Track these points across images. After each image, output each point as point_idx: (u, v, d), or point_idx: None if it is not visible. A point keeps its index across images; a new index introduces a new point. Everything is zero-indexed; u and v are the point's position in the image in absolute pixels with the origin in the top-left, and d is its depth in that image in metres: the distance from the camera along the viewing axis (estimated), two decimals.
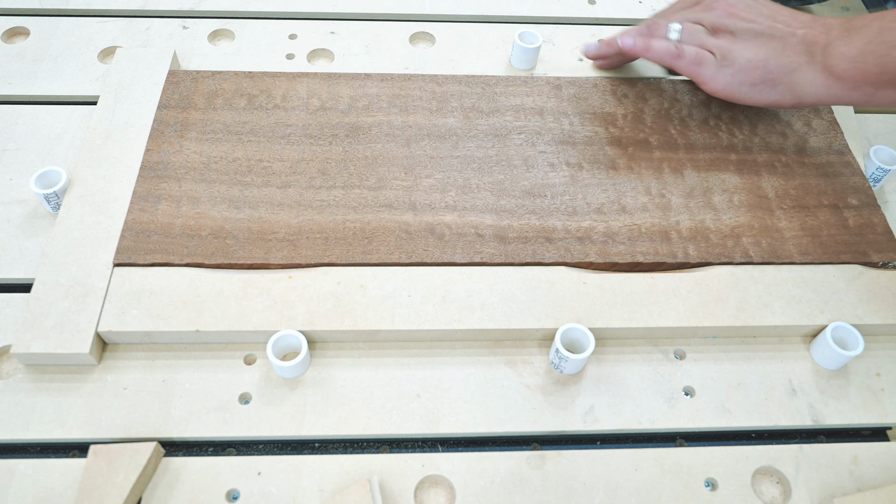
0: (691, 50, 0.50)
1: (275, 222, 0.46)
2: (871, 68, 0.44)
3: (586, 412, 0.42)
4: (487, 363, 0.43)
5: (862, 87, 0.46)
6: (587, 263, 0.46)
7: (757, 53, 0.48)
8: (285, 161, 0.49)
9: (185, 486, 0.38)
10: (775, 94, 0.49)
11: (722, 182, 0.50)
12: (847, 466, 0.40)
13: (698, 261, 0.46)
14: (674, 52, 0.50)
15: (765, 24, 0.49)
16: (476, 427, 0.41)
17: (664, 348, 0.44)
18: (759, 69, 0.48)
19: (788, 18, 0.49)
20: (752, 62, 0.48)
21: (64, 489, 0.37)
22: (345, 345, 0.44)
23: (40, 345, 0.40)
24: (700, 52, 0.50)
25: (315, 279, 0.44)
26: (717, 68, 0.49)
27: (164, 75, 0.53)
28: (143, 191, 0.47)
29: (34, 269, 0.45)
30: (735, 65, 0.49)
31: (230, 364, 0.42)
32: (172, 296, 0.43)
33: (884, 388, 0.43)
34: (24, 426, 0.40)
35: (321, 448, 0.41)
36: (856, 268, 0.47)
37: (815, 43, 0.47)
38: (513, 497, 0.38)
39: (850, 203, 0.50)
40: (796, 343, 0.45)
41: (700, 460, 0.40)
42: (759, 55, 0.48)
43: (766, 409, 0.42)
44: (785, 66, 0.48)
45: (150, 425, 0.40)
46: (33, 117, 0.53)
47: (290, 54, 0.59)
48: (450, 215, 0.47)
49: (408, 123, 0.52)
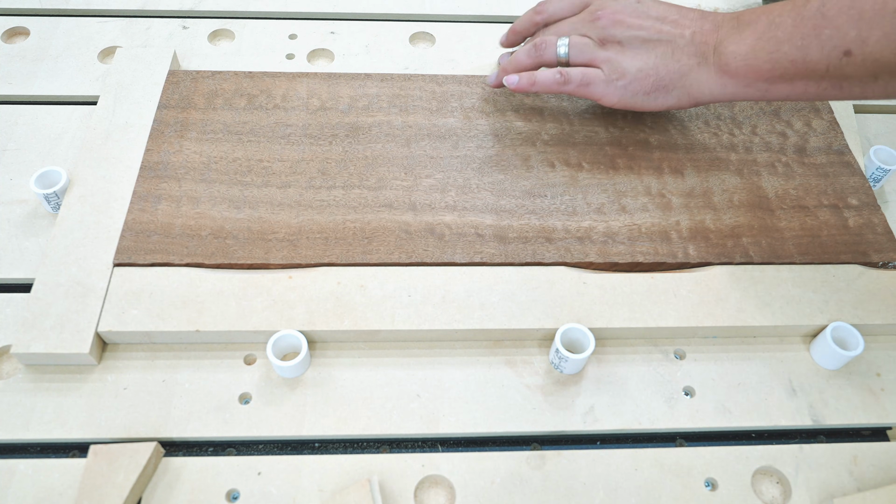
0: (576, 73, 0.49)
1: (275, 222, 0.46)
2: (762, 65, 0.44)
3: (586, 412, 0.42)
4: (487, 363, 0.43)
5: (755, 84, 0.45)
6: (587, 263, 0.46)
7: (647, 61, 0.48)
8: (285, 161, 0.49)
9: (185, 486, 0.38)
10: (671, 99, 0.48)
11: (722, 182, 0.50)
12: (847, 466, 0.40)
13: (698, 261, 0.46)
14: (560, 80, 0.50)
15: (652, 29, 0.48)
16: (476, 427, 0.41)
17: (664, 348, 0.44)
18: (651, 77, 0.48)
19: (677, 17, 0.48)
20: (642, 71, 0.48)
21: (64, 489, 0.37)
22: (345, 345, 0.44)
23: (40, 345, 0.40)
24: (586, 72, 0.49)
25: (315, 279, 0.44)
26: (607, 83, 0.49)
27: (164, 75, 0.53)
28: (143, 191, 0.47)
29: (34, 269, 0.45)
30: (626, 76, 0.48)
31: (230, 364, 0.42)
32: (172, 296, 0.43)
33: (884, 388, 0.43)
34: (24, 426, 0.40)
35: (321, 448, 0.41)
36: (856, 268, 0.47)
37: (706, 43, 0.46)
38: (513, 497, 0.38)
39: (850, 203, 0.50)
40: (796, 343, 0.45)
41: (700, 460, 0.40)
42: (649, 63, 0.47)
43: (766, 409, 0.42)
44: (676, 71, 0.47)
45: (150, 425, 0.40)
46: (33, 117, 0.53)
47: (290, 54, 0.59)
48: (450, 215, 0.47)
49: (408, 123, 0.52)
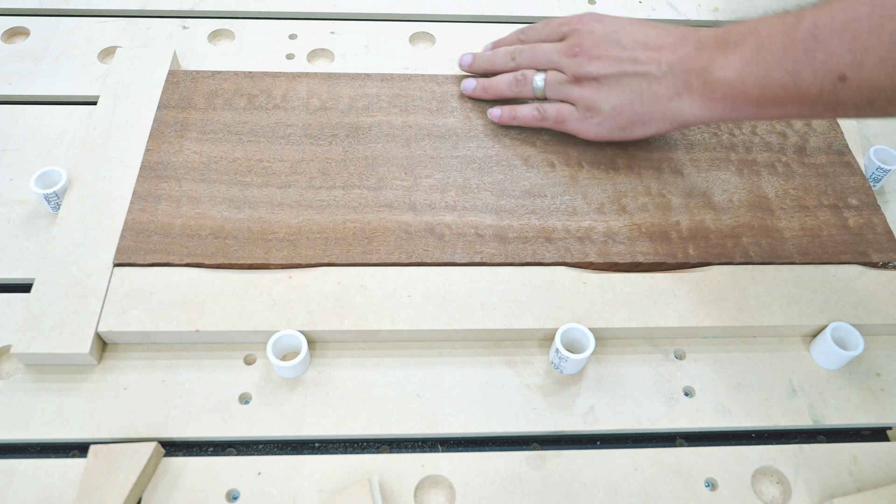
0: (551, 109, 0.50)
1: (275, 222, 0.46)
2: (750, 90, 0.42)
3: (586, 412, 0.42)
4: (487, 363, 0.43)
5: (744, 108, 0.43)
6: (587, 263, 0.46)
7: (621, 98, 0.47)
8: (285, 161, 0.49)
9: (185, 486, 0.38)
10: (651, 129, 0.47)
11: (722, 182, 0.50)
12: (847, 466, 0.40)
13: (698, 261, 0.46)
14: (537, 117, 0.50)
15: (628, 62, 0.46)
16: (476, 427, 0.41)
17: (664, 348, 0.44)
18: (625, 113, 0.47)
19: (656, 41, 0.46)
20: (616, 108, 0.47)
21: (64, 489, 0.37)
22: (345, 345, 0.44)
23: (40, 345, 0.40)
24: (560, 109, 0.49)
25: (315, 279, 0.44)
26: (581, 121, 0.49)
27: (164, 75, 0.53)
28: (143, 191, 0.47)
29: (34, 269, 0.45)
30: (600, 114, 0.48)
31: (230, 364, 0.42)
32: (172, 296, 0.43)
33: (884, 388, 0.43)
34: (24, 426, 0.40)
35: (321, 448, 0.41)
36: (856, 268, 0.47)
37: (688, 70, 0.44)
38: (513, 497, 0.38)
39: (850, 203, 0.50)
40: (796, 343, 0.45)
41: (700, 460, 0.40)
42: (624, 99, 0.47)
43: (766, 409, 0.42)
44: (653, 104, 0.46)
45: (150, 425, 0.40)
46: (33, 117, 0.53)
47: (290, 54, 0.59)
48: (450, 215, 0.47)
49: (408, 123, 0.52)
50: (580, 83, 0.48)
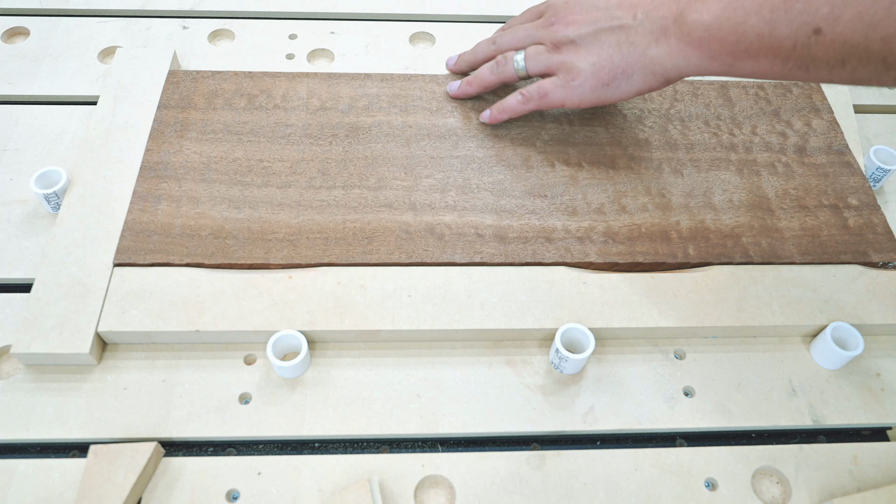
0: (532, 89, 0.49)
1: (275, 222, 0.46)
2: (726, 36, 0.41)
3: (586, 412, 0.42)
4: (487, 363, 0.43)
5: (720, 57, 0.42)
6: (587, 263, 0.46)
7: (600, 54, 0.46)
8: (285, 161, 0.49)
9: (185, 486, 0.38)
10: (636, 83, 0.47)
11: (722, 182, 0.50)
12: (847, 466, 0.40)
13: (698, 261, 0.46)
14: (522, 101, 0.50)
15: (604, 20, 0.46)
16: (476, 427, 0.41)
17: (664, 348, 0.44)
18: (606, 68, 0.46)
19: None
20: (595, 65, 0.47)
21: (64, 489, 0.37)
22: (345, 345, 0.44)
23: (40, 345, 0.40)
24: (541, 84, 0.49)
25: (315, 279, 0.44)
26: (564, 87, 0.48)
27: (164, 75, 0.53)
28: (143, 191, 0.47)
29: (34, 269, 0.45)
30: (581, 75, 0.47)
31: (230, 364, 0.42)
32: (172, 296, 0.43)
33: (884, 388, 0.43)
34: (24, 426, 0.40)
35: (321, 448, 0.41)
36: (856, 268, 0.47)
37: (664, 16, 0.44)
38: (513, 497, 0.38)
39: (850, 203, 0.50)
40: (796, 343, 0.45)
41: (700, 460, 0.40)
42: (603, 55, 0.46)
43: (766, 409, 0.42)
44: (631, 54, 0.46)
45: (150, 425, 0.40)
46: (33, 117, 0.53)
47: (290, 54, 0.59)
48: (450, 215, 0.47)
49: (408, 123, 0.52)
50: (559, 49, 0.48)
